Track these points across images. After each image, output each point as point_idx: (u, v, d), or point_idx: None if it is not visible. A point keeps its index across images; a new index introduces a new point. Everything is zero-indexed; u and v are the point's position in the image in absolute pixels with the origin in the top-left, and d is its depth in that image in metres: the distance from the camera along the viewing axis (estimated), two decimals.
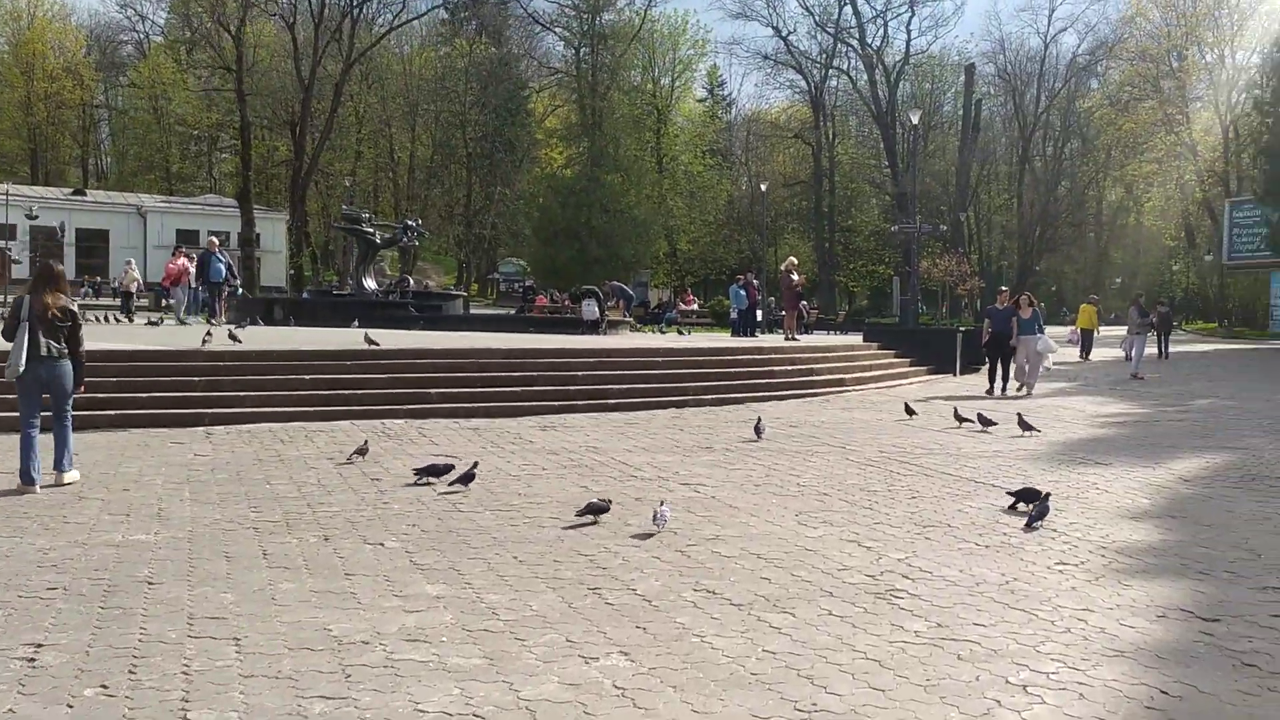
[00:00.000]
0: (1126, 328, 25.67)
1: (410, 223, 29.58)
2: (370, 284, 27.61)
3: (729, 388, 15.22)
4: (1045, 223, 55.28)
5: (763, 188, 43.11)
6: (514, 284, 70.48)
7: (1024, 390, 16.88)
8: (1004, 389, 17.04)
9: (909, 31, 60.97)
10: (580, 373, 14.22)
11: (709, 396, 14.52)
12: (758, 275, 38.59)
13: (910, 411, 13.36)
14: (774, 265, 70.48)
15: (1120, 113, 65.97)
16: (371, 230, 28.04)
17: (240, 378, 12.52)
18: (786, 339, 22.90)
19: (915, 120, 29.00)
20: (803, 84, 60.72)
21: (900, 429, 12.27)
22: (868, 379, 18.30)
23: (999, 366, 17.28)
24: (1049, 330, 18.63)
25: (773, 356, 17.28)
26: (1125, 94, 67.32)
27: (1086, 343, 28.49)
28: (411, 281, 32.34)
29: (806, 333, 37.17)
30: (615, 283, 33.82)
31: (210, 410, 11.54)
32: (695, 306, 47.99)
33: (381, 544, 6.31)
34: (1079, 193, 63.96)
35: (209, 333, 13.85)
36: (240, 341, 14.18)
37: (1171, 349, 30.45)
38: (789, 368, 16.99)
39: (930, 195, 58.08)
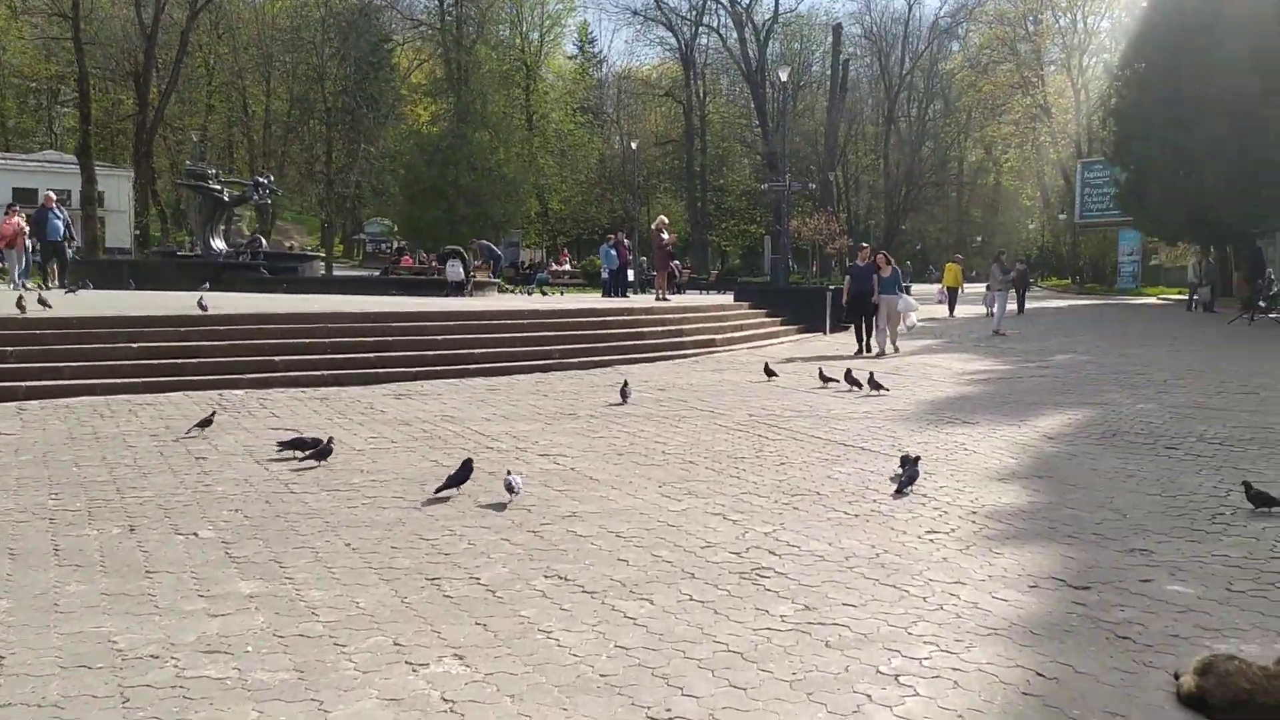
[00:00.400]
0: (988, 284, 26.31)
1: (261, 179, 27.93)
2: (219, 244, 26.00)
3: (596, 350, 14.75)
4: (910, 182, 56.53)
5: (633, 145, 42.55)
6: (381, 245, 68.43)
7: (891, 349, 16.90)
8: (869, 348, 16.90)
9: None
10: (439, 337, 13.52)
11: (575, 360, 14.03)
12: (630, 235, 38.32)
13: (770, 373, 13.14)
14: (646, 225, 70.31)
15: (980, 75, 67.73)
16: (219, 187, 26.35)
17: (60, 347, 11.40)
18: (657, 299, 22.57)
19: (784, 78, 28.88)
20: (673, 41, 60.26)
21: (769, 391, 12.02)
22: (738, 339, 18.10)
23: (863, 325, 17.13)
24: (918, 289, 18.85)
25: (642, 318, 16.87)
26: (984, 57, 69.13)
27: (952, 300, 29.75)
28: (265, 242, 30.68)
29: (679, 292, 37.02)
30: (483, 241, 32.81)
31: (24, 383, 10.44)
32: (568, 267, 47.32)
33: (195, 534, 5.61)
34: (941, 153, 65.61)
35: (21, 299, 12.56)
36: (50, 306, 12.94)
37: (1028, 305, 31.63)
38: (658, 329, 16.62)
39: (800, 155, 58.60)
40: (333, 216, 54.83)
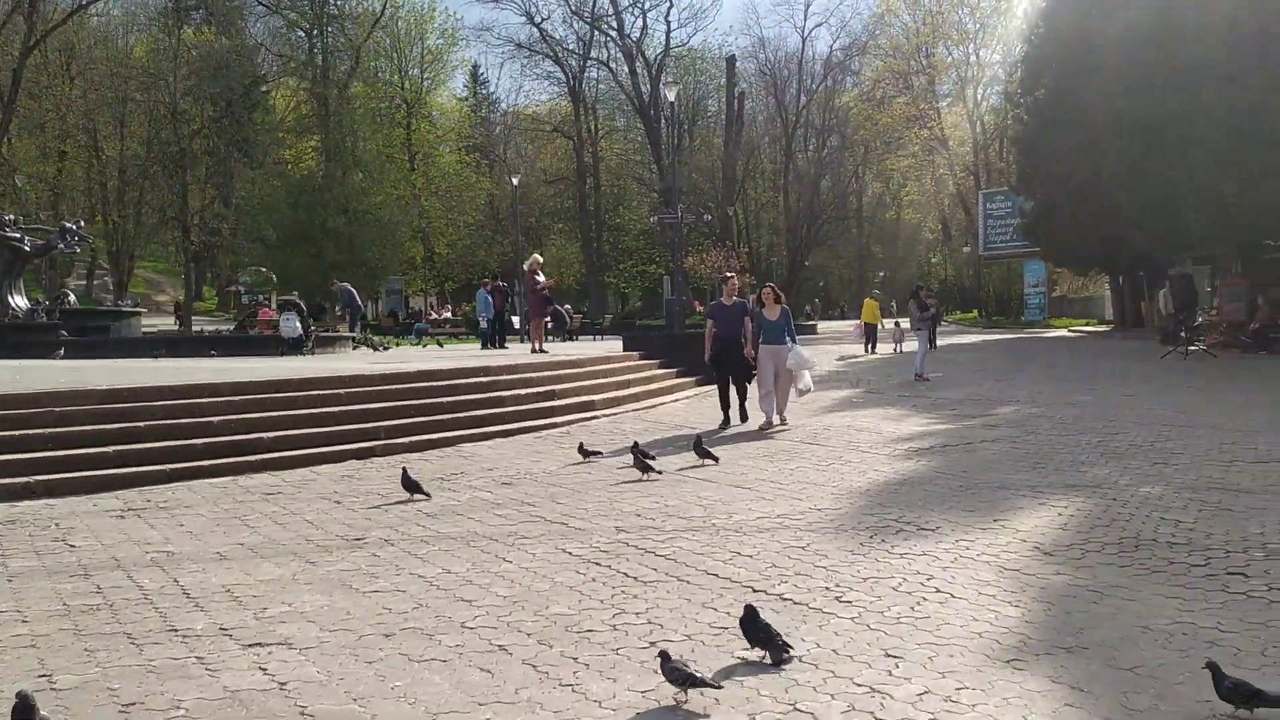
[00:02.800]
0: (896, 321, 24.03)
1: (69, 225, 24.05)
2: (18, 301, 22.04)
3: (437, 424, 11.57)
4: (811, 218, 54.75)
5: (514, 181, 39.48)
6: (258, 296, 63.92)
7: (778, 419, 12.24)
8: (743, 416, 12.54)
9: (668, 23, 59.26)
10: (217, 417, 10.17)
11: (405, 440, 10.83)
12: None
13: (586, 454, 10.06)
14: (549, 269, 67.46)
15: (875, 108, 66.90)
16: (17, 235, 22.43)
17: None
18: (533, 350, 19.48)
19: (672, 97, 26.31)
20: (561, 75, 57.70)
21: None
22: (625, 399, 15.10)
23: (730, 387, 12.64)
24: (826, 327, 16.11)
25: (502, 378, 13.72)
26: (880, 90, 68.41)
27: (871, 337, 28.55)
28: (73, 298, 26.67)
29: (570, 339, 34.03)
30: (344, 285, 29.18)
31: None
32: (448, 315, 43.89)
33: None
34: (841, 188, 64.27)
35: None
36: None
37: (939, 340, 29.57)
38: (522, 391, 13.49)
39: (698, 190, 56.46)
40: (189, 266, 50.39)
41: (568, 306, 41.94)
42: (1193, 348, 21.95)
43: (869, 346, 28.61)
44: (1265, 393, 14.72)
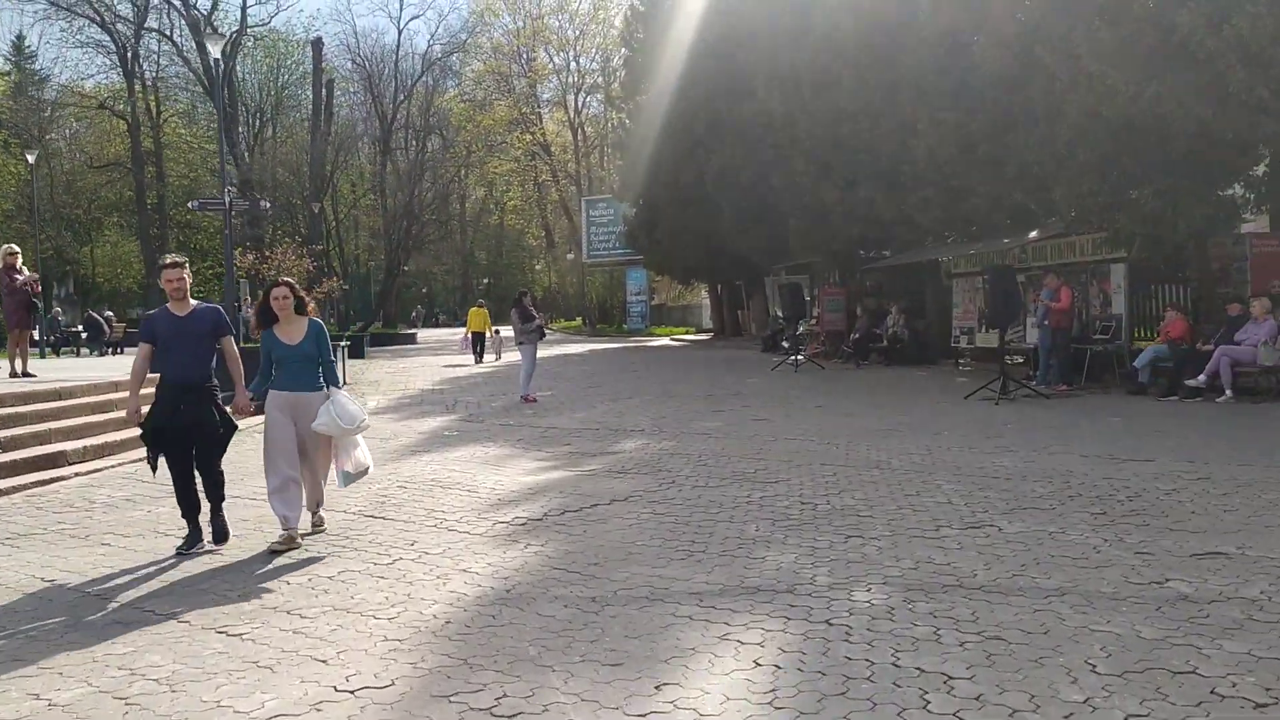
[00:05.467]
0: (508, 329, 21.38)
1: None
2: None
3: None
4: (410, 219, 50.99)
5: (29, 159, 31.91)
6: None
7: (313, 526, 6.86)
8: (217, 537, 6.68)
9: None
10: None
11: None
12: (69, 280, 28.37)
13: None
14: (90, 267, 57.65)
15: (477, 110, 64.62)
16: None
17: None
18: (12, 373, 14.32)
19: (216, 53, 21.55)
20: (111, 44, 49.17)
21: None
22: (125, 444, 10.80)
23: (192, 476, 6.75)
24: (429, 335, 12.66)
25: None
26: (481, 91, 66.25)
27: (478, 346, 27.72)
28: None
29: (114, 353, 27.90)
30: None
31: None
32: None
33: None
34: (442, 190, 61.07)
35: None
36: None
37: (549, 351, 27.71)
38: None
39: (282, 185, 50.62)
40: None
41: (109, 314, 35.08)
42: (798, 358, 21.20)
43: (478, 357, 27.63)
44: (888, 410, 13.47)
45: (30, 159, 32.12)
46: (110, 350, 28.96)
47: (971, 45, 15.97)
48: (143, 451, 10.42)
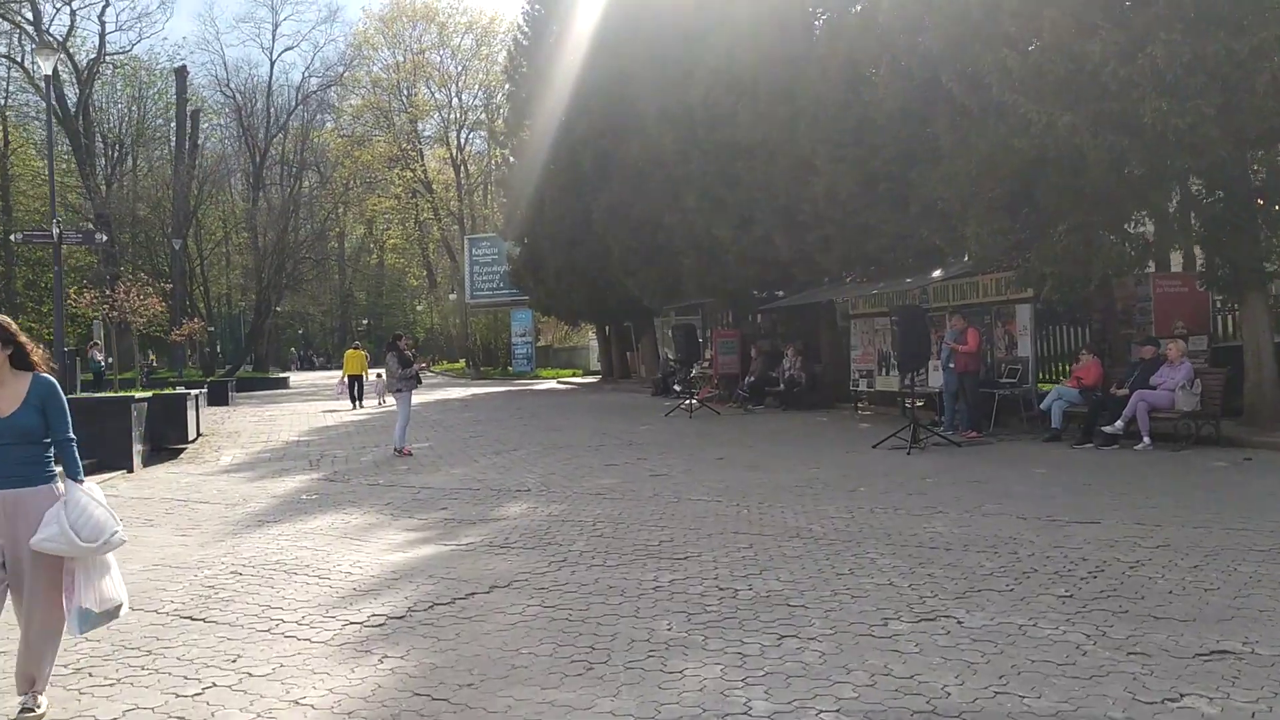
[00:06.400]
0: (383, 373, 19.91)
1: None
2: None
3: None
4: (283, 257, 48.56)
5: None
6: None
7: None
8: None
9: (103, 23, 49.70)
10: None
11: None
12: None
13: None
14: None
15: (356, 145, 62.70)
16: None
17: None
18: None
19: (47, 69, 19.48)
20: None
21: None
22: None
23: None
24: (304, 379, 10.97)
25: None
26: (360, 127, 64.44)
27: (355, 390, 26.54)
28: None
29: None
30: None
31: None
32: None
33: None
34: (318, 227, 58.71)
35: None
36: None
37: (429, 397, 26.28)
38: None
39: (143, 222, 47.70)
40: None
41: None
42: (692, 403, 20.22)
43: (356, 402, 26.41)
44: (796, 461, 12.53)
45: None
46: None
47: (872, 77, 15.37)
48: None
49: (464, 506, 9.79)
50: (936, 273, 16.61)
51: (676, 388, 26.14)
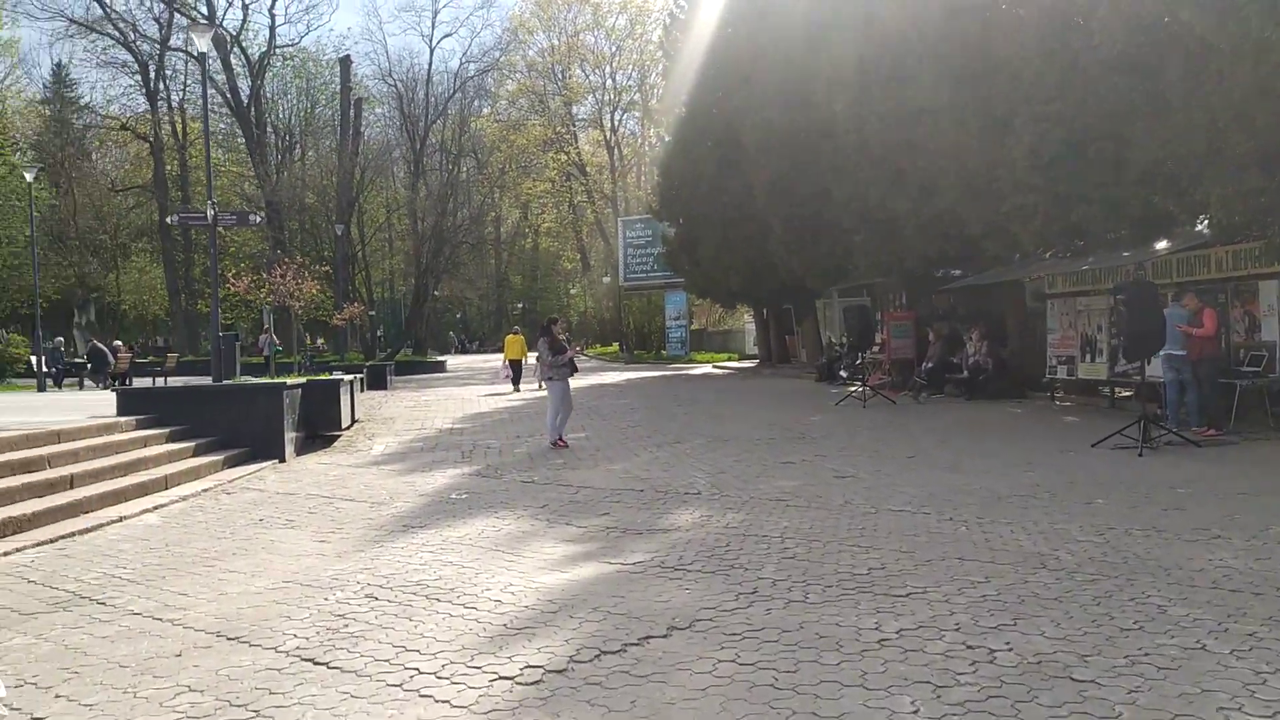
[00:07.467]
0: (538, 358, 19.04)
1: None
2: None
3: None
4: (441, 242, 48.90)
5: (28, 178, 29.90)
6: None
7: None
8: None
9: (272, 16, 51.13)
10: None
11: None
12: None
13: None
14: (114, 293, 56.07)
15: (512, 129, 62.86)
16: None
17: None
18: None
19: (204, 47, 19.41)
20: (133, 62, 47.70)
21: None
22: (42, 515, 8.46)
23: None
24: (460, 362, 10.04)
25: None
26: (515, 111, 64.63)
27: (516, 374, 26.90)
28: None
29: (122, 383, 25.84)
30: None
31: None
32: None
33: None
34: (475, 212, 59.14)
35: None
36: None
37: (583, 382, 25.48)
38: None
39: (310, 210, 48.86)
40: None
41: (117, 344, 33.14)
42: (864, 389, 18.60)
43: (515, 385, 26.60)
44: (1003, 461, 10.91)
45: (28, 177, 30.19)
46: (116, 382, 26.91)
47: (1085, 22, 13.40)
48: (56, 530, 8.10)
49: (627, 512, 8.65)
50: (1162, 244, 14.50)
51: (843, 374, 24.51)
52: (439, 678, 4.53)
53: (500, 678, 4.50)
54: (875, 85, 18.77)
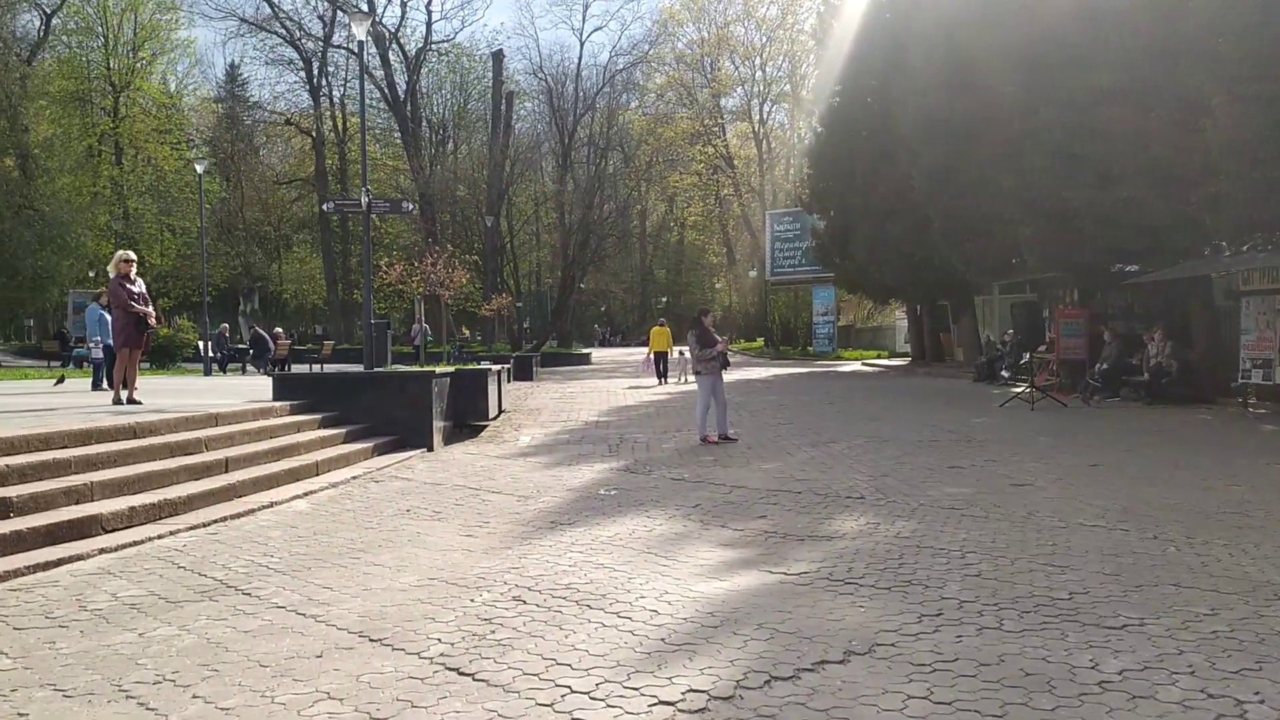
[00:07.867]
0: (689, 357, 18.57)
1: None
2: None
3: None
4: (587, 235, 49.18)
5: (199, 169, 31.45)
6: None
7: None
8: None
9: (429, 13, 52.45)
10: None
11: None
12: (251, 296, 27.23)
13: None
14: (277, 283, 58.60)
15: (659, 122, 62.69)
16: None
17: None
18: (116, 398, 12.56)
19: (362, 35, 19.68)
20: (299, 61, 49.64)
21: None
22: (199, 498, 8.50)
23: None
24: (604, 356, 9.90)
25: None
26: (663, 104, 64.44)
27: (661, 366, 26.68)
28: None
29: (282, 369, 26.78)
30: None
31: None
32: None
33: None
34: (621, 204, 59.27)
35: None
36: None
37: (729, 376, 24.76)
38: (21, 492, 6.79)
39: (462, 203, 49.80)
40: None
41: (277, 330, 34.40)
42: (1030, 391, 17.44)
43: (662, 378, 26.45)
44: (1203, 474, 9.86)
45: (199, 169, 31.67)
46: (276, 368, 27.89)
47: None
48: (209, 514, 8.10)
49: (786, 515, 8.09)
50: None
51: (1004, 374, 23.26)
52: (593, 699, 4.10)
53: (660, 702, 4.04)
54: (1048, 68, 17.60)
